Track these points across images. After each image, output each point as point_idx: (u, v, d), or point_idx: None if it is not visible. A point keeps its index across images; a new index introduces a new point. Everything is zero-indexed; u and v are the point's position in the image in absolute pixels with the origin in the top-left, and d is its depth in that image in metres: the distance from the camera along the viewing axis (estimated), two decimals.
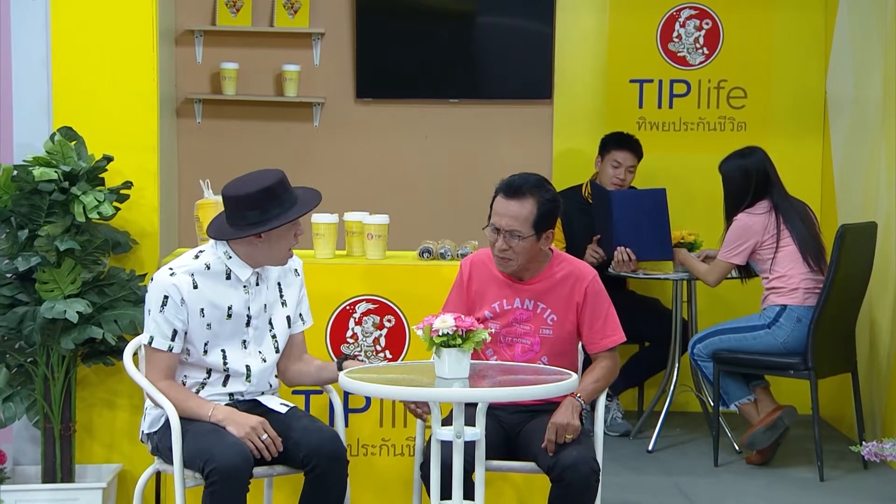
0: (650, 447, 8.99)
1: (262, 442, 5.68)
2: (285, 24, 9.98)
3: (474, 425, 5.52)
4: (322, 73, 10.10)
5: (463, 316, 5.61)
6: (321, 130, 10.14)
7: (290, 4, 9.96)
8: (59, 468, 6.56)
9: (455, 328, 5.48)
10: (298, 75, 9.97)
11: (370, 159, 10.17)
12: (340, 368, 5.91)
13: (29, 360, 6.50)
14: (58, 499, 6.52)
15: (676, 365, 9.19)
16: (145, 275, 6.67)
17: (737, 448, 8.83)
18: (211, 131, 10.06)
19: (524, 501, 6.50)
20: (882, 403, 8.87)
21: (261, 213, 5.75)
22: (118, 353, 6.36)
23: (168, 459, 5.80)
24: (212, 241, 5.92)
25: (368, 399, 6.84)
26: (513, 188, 6.10)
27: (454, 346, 5.48)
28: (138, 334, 6.06)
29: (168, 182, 7.42)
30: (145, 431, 6.00)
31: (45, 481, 6.57)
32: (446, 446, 5.52)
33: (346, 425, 6.53)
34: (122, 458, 6.73)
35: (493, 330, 5.96)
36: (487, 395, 5.53)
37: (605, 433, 6.41)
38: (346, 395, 6.71)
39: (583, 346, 6.24)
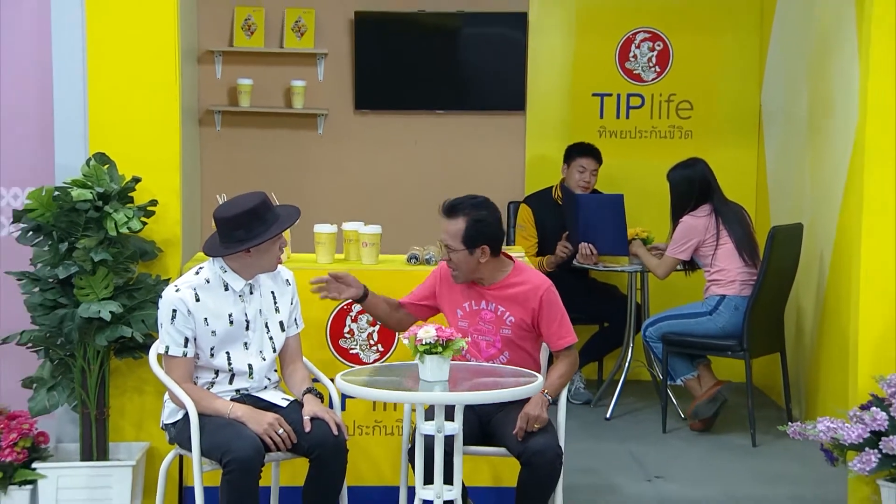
0: (608, 415, 9.02)
1: (279, 436, 5.69)
2: (293, 45, 10.00)
3: (453, 420, 5.57)
4: (325, 88, 10.09)
5: (443, 327, 5.62)
6: (324, 138, 10.14)
7: (297, 28, 9.96)
8: (94, 447, 6.53)
9: (436, 338, 5.50)
10: (304, 90, 9.98)
11: (367, 163, 10.17)
12: (303, 395, 5.94)
13: (68, 354, 6.46)
14: (94, 475, 6.48)
15: (631, 343, 9.24)
16: (169, 279, 6.64)
17: (682, 416, 8.86)
18: (229, 138, 10.07)
19: (497, 472, 6.48)
20: (806, 377, 8.92)
21: (246, 232, 5.79)
22: (145, 348, 6.33)
23: (187, 448, 5.82)
24: (210, 258, 5.95)
25: None
26: (448, 208, 6.16)
27: (436, 353, 5.51)
28: None
29: (190, 193, 7.37)
30: (165, 421, 6.03)
31: (82, 459, 6.54)
32: (429, 438, 5.57)
33: (343, 409, 6.51)
34: (150, 437, 6.70)
35: (469, 340, 5.94)
36: (464, 398, 5.57)
37: (568, 401, 6.49)
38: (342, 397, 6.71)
39: (545, 341, 6.22)
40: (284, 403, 5.95)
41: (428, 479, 5.62)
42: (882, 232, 6.81)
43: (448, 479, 5.60)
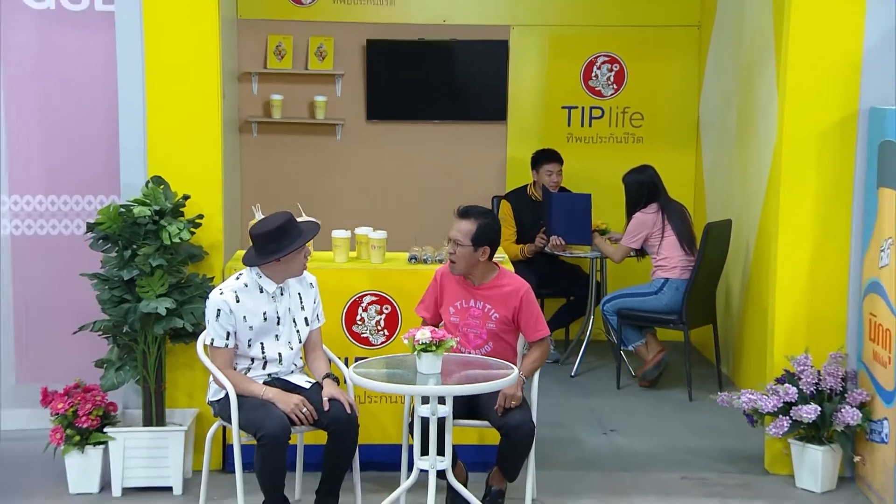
0: (573, 373, 9.03)
1: (303, 414, 5.70)
2: (316, 67, 9.93)
3: (444, 404, 5.58)
4: (342, 102, 10.02)
5: (435, 328, 5.62)
6: (341, 143, 10.08)
7: (319, 53, 9.90)
8: (154, 415, 6.54)
9: (431, 339, 5.50)
10: (325, 104, 9.93)
11: (377, 163, 10.12)
12: (323, 379, 5.94)
13: (132, 340, 6.46)
14: (153, 437, 6.50)
15: (592, 314, 9.24)
16: (213, 277, 6.64)
17: (633, 374, 8.88)
18: (263, 143, 10.02)
19: (482, 434, 6.44)
20: (734, 343, 8.95)
21: (277, 245, 5.78)
22: (194, 335, 6.33)
23: (228, 421, 5.82)
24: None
25: None
26: (462, 211, 6.10)
27: (430, 351, 5.51)
28: None
29: (231, 203, 7.27)
30: (210, 399, 6.04)
31: (144, 424, 6.55)
32: (425, 419, 5.59)
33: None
34: (199, 404, 6.68)
35: (458, 340, 5.94)
36: (452, 391, 5.56)
37: None
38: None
39: (522, 334, 6.19)
40: (307, 385, 5.95)
41: (424, 452, 5.64)
42: (796, 228, 6.79)
43: (440, 452, 5.63)
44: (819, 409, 6.46)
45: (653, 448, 7.41)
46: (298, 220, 6.41)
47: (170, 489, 6.50)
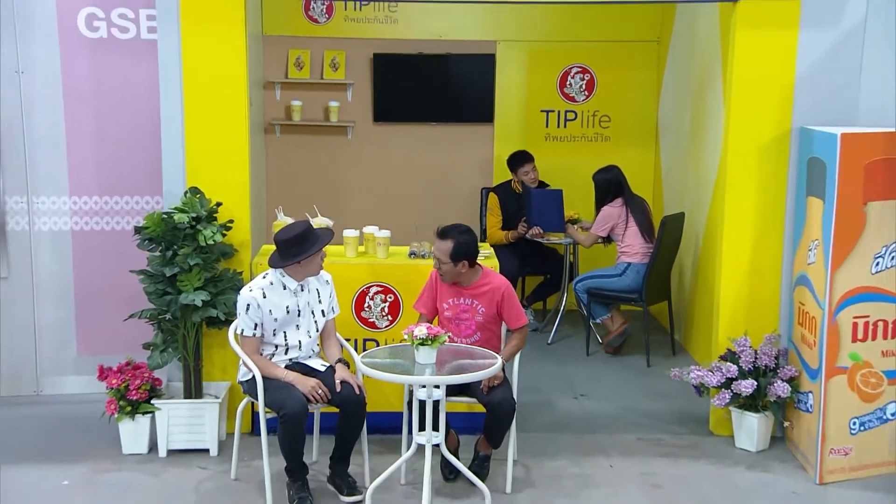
0: (549, 340, 9.07)
1: (319, 395, 5.74)
2: (330, 77, 9.91)
3: (439, 388, 5.60)
4: (352, 107, 10.01)
5: (431, 325, 5.64)
6: (352, 142, 10.08)
7: (333, 64, 9.89)
8: (193, 388, 6.60)
9: (427, 335, 5.54)
10: (338, 108, 9.93)
11: (382, 159, 10.10)
12: (335, 363, 5.95)
13: (174, 326, 6.50)
14: (192, 408, 6.54)
15: (565, 290, 9.27)
16: (242, 272, 6.66)
17: (600, 341, 8.90)
18: (285, 142, 10.01)
19: (471, 406, 6.33)
20: (684, 316, 8.98)
21: (298, 249, 5.81)
22: (227, 322, 6.36)
23: (255, 398, 5.85)
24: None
25: (377, 344, 6.77)
26: (440, 232, 6.07)
27: (426, 345, 5.55)
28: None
29: (257, 205, 7.24)
30: (240, 379, 6.07)
31: (185, 397, 6.60)
32: (422, 401, 5.61)
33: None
34: (230, 378, 6.70)
35: (449, 334, 5.96)
36: (445, 380, 5.59)
37: None
38: (364, 347, 6.74)
39: (505, 324, 6.21)
40: (322, 368, 5.99)
41: (421, 428, 5.67)
42: (738, 228, 6.79)
43: (435, 428, 5.65)
44: (755, 383, 6.54)
45: (615, 411, 7.41)
46: (314, 221, 6.48)
47: (207, 451, 6.53)
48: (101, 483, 6.17)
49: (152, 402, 6.51)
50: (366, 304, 6.77)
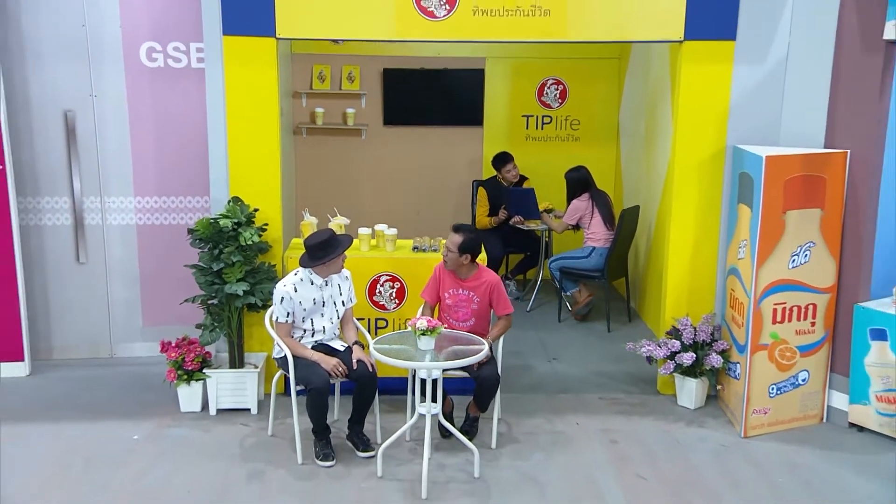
0: (528, 308, 9.10)
1: (339, 372, 5.81)
2: (347, 88, 9.92)
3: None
4: (366, 112, 10.01)
5: (430, 318, 5.67)
6: (365, 142, 10.08)
7: (349, 77, 9.90)
8: (236, 360, 6.65)
9: (427, 327, 5.58)
10: (354, 114, 9.93)
11: (391, 156, 10.09)
12: (353, 345, 6.00)
13: (220, 310, 6.55)
14: (236, 375, 6.54)
15: (541, 266, 9.33)
16: (275, 264, 6.69)
17: (569, 309, 8.93)
18: (311, 143, 10.00)
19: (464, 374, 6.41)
20: (638, 289, 9.02)
21: (323, 253, 5.84)
22: (264, 307, 6.43)
23: (287, 373, 5.93)
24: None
25: (386, 322, 6.86)
26: (455, 227, 6.08)
27: (427, 335, 5.58)
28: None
29: (287, 207, 7.21)
30: (274, 356, 6.12)
31: (230, 367, 6.66)
32: (423, 380, 5.67)
33: (375, 334, 6.66)
34: (267, 349, 6.74)
35: (444, 327, 5.93)
36: (441, 365, 5.58)
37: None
38: (375, 327, 6.81)
39: (493, 311, 6.21)
40: (342, 349, 6.05)
41: (422, 399, 5.75)
42: (682, 228, 6.79)
43: (434, 400, 5.71)
44: (694, 356, 6.65)
45: (581, 373, 7.42)
46: (333, 220, 6.54)
47: (248, 410, 6.63)
48: (164, 437, 6.23)
49: (204, 370, 6.57)
50: (377, 290, 6.82)
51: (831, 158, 6.26)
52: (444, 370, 5.68)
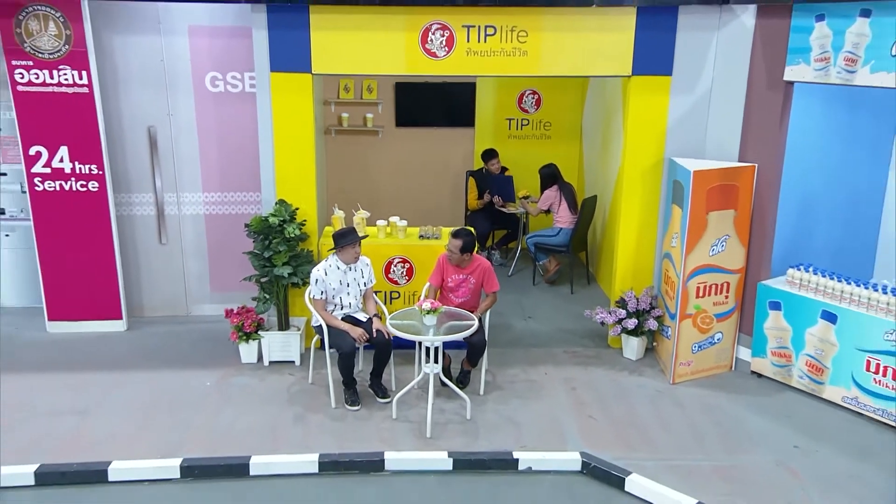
0: (509, 273, 9.05)
1: (363, 339, 5.86)
2: (367, 97, 9.76)
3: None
4: (382, 116, 9.89)
5: (433, 301, 5.68)
6: (381, 141, 9.97)
7: (369, 89, 9.76)
8: (283, 323, 6.68)
9: (431, 308, 5.61)
10: (373, 118, 9.80)
11: (402, 152, 10.00)
12: (373, 316, 5.96)
13: (271, 286, 6.56)
14: (284, 335, 6.64)
15: (520, 241, 9.28)
16: (312, 251, 6.71)
17: (542, 275, 8.87)
18: (338, 141, 9.90)
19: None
20: (595, 260, 8.93)
21: (337, 243, 5.87)
22: (304, 284, 6.47)
23: (322, 338, 6.00)
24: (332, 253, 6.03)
25: (399, 295, 6.88)
26: (454, 232, 6.05)
27: (430, 314, 5.62)
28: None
29: (321, 205, 7.11)
30: (312, 324, 6.16)
31: (279, 329, 6.69)
32: (427, 347, 5.74)
33: (390, 303, 6.75)
34: (306, 315, 6.78)
35: (444, 309, 5.84)
36: (441, 338, 5.62)
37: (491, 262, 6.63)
38: (390, 298, 6.84)
39: (483, 289, 6.20)
40: (364, 319, 6.08)
41: (427, 360, 5.81)
42: (629, 220, 6.77)
43: (435, 361, 5.79)
44: (637, 321, 6.75)
45: (550, 330, 7.37)
46: (356, 214, 6.50)
47: (293, 361, 6.69)
48: (230, 384, 6.30)
49: (259, 332, 6.64)
50: (391, 270, 6.87)
51: (743, 171, 6.32)
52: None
